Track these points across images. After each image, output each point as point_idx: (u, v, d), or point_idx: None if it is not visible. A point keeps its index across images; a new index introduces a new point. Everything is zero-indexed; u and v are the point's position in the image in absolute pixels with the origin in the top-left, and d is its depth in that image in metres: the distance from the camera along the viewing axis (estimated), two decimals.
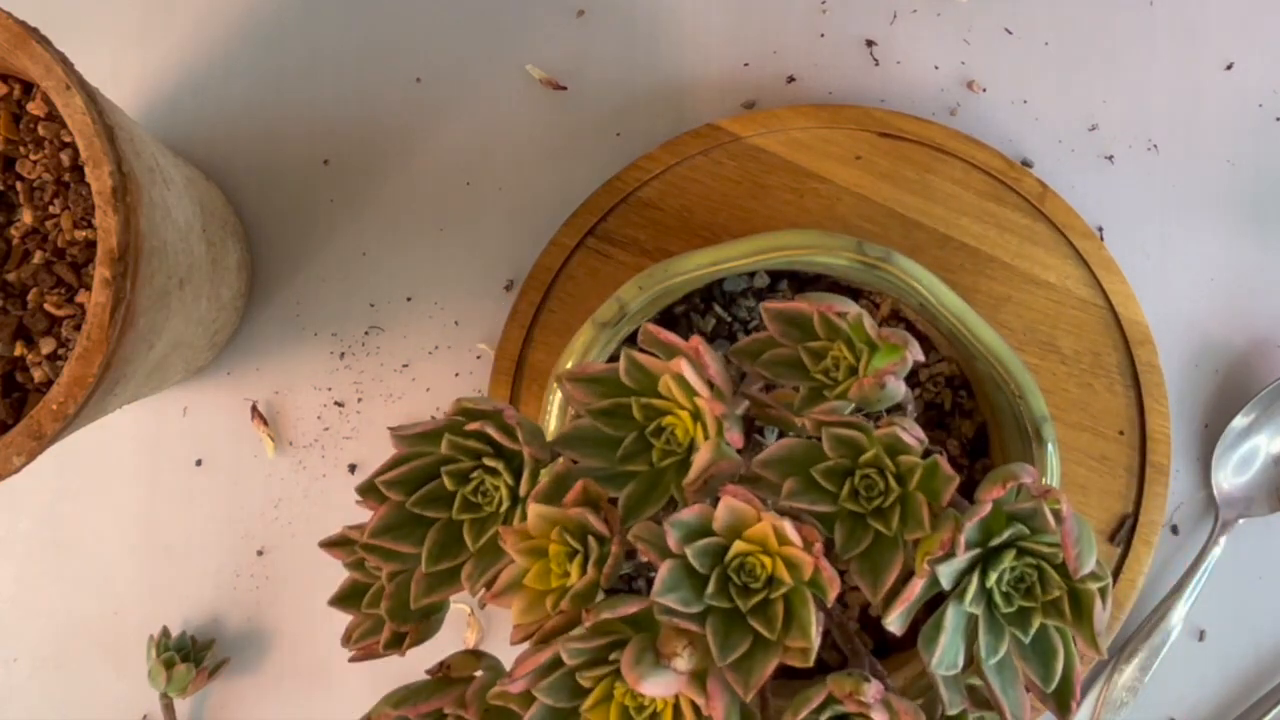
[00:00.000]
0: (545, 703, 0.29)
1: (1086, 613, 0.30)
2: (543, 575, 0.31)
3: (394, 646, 0.34)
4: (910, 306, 0.45)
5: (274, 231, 0.54)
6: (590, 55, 0.55)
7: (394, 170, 0.55)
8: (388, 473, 0.33)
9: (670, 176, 0.52)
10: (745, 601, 0.30)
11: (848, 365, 0.34)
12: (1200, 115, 0.55)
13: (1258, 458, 0.53)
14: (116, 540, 0.53)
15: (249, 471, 0.54)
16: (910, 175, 0.52)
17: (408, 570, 0.34)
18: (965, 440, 0.49)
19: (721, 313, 0.49)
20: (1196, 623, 0.53)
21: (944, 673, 0.31)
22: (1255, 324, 0.54)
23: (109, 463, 0.54)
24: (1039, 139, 0.54)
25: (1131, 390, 0.51)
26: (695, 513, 0.30)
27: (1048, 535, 0.31)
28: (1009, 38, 0.55)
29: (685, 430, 0.33)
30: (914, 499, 0.32)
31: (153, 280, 0.40)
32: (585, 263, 0.52)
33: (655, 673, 0.28)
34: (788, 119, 0.52)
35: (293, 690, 0.53)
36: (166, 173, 0.44)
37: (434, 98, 0.55)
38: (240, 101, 0.55)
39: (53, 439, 0.38)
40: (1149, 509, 0.51)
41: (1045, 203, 0.52)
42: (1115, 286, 0.51)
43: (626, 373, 0.33)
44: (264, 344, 0.54)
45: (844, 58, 0.55)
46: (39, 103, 0.44)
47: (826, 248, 0.43)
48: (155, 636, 0.52)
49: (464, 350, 0.54)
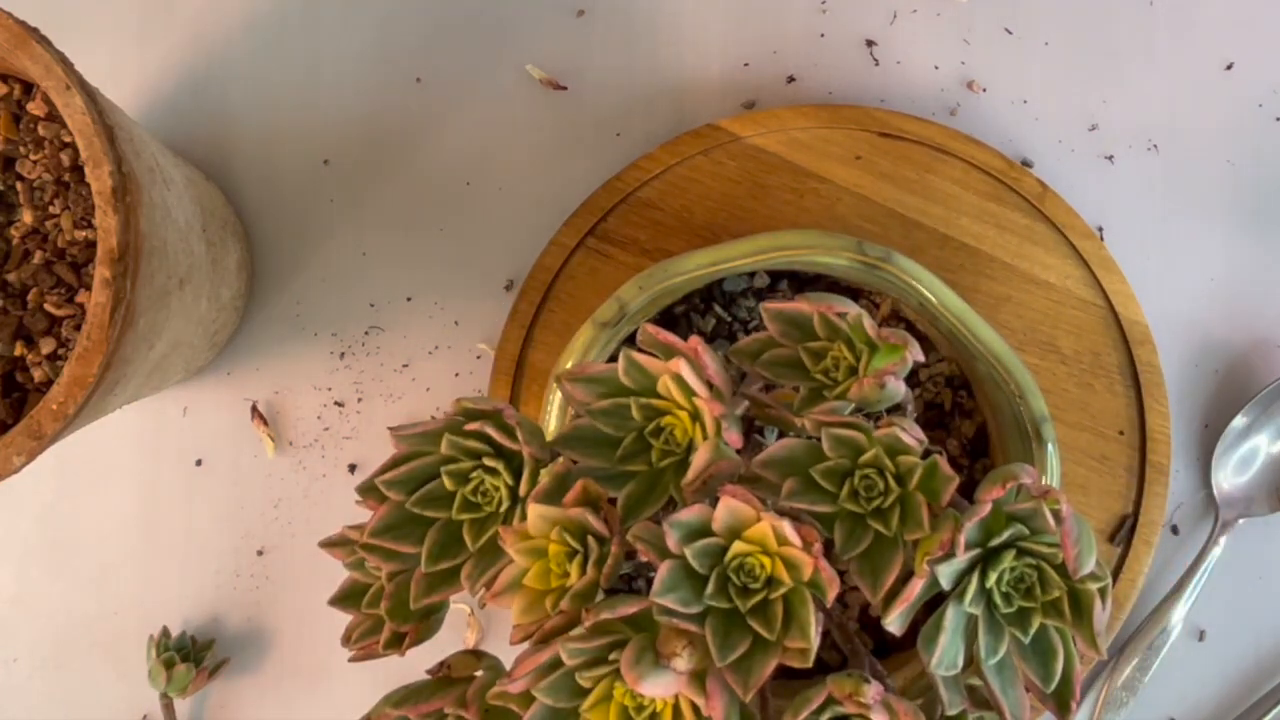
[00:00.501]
0: (545, 703, 0.29)
1: (1086, 613, 0.30)
2: (542, 575, 0.31)
3: (394, 646, 0.35)
4: (910, 306, 0.45)
5: (274, 231, 0.54)
6: (590, 55, 0.55)
7: (394, 170, 0.55)
8: (388, 472, 0.33)
9: (670, 176, 0.52)
10: (744, 602, 0.30)
11: (848, 365, 0.34)
12: (1200, 115, 0.55)
13: (1258, 458, 0.53)
14: (116, 540, 0.53)
15: (249, 471, 0.54)
16: (910, 175, 0.52)
17: (408, 570, 0.34)
18: (965, 440, 0.49)
19: (721, 313, 0.49)
20: (1196, 623, 0.53)
21: (944, 673, 0.31)
22: (1255, 324, 0.54)
23: (109, 462, 0.54)
24: (1039, 139, 0.54)
25: (1131, 390, 0.51)
26: (694, 513, 0.30)
27: (1047, 535, 0.31)
28: (1009, 38, 0.55)
29: (684, 430, 0.33)
30: (914, 499, 0.32)
31: (153, 280, 0.40)
32: (585, 263, 0.52)
33: (655, 673, 0.28)
34: (788, 119, 0.52)
35: (293, 690, 0.53)
36: (166, 173, 0.44)
37: (434, 98, 0.55)
38: (240, 101, 0.55)
39: (53, 439, 0.39)
40: (1149, 509, 0.51)
41: (1045, 203, 0.52)
42: (1115, 286, 0.51)
43: (625, 373, 0.33)
44: (264, 344, 0.54)
45: (844, 58, 0.55)
46: (39, 103, 0.44)
47: (826, 248, 0.43)
48: (155, 636, 0.52)
49: (464, 350, 0.54)
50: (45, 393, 0.39)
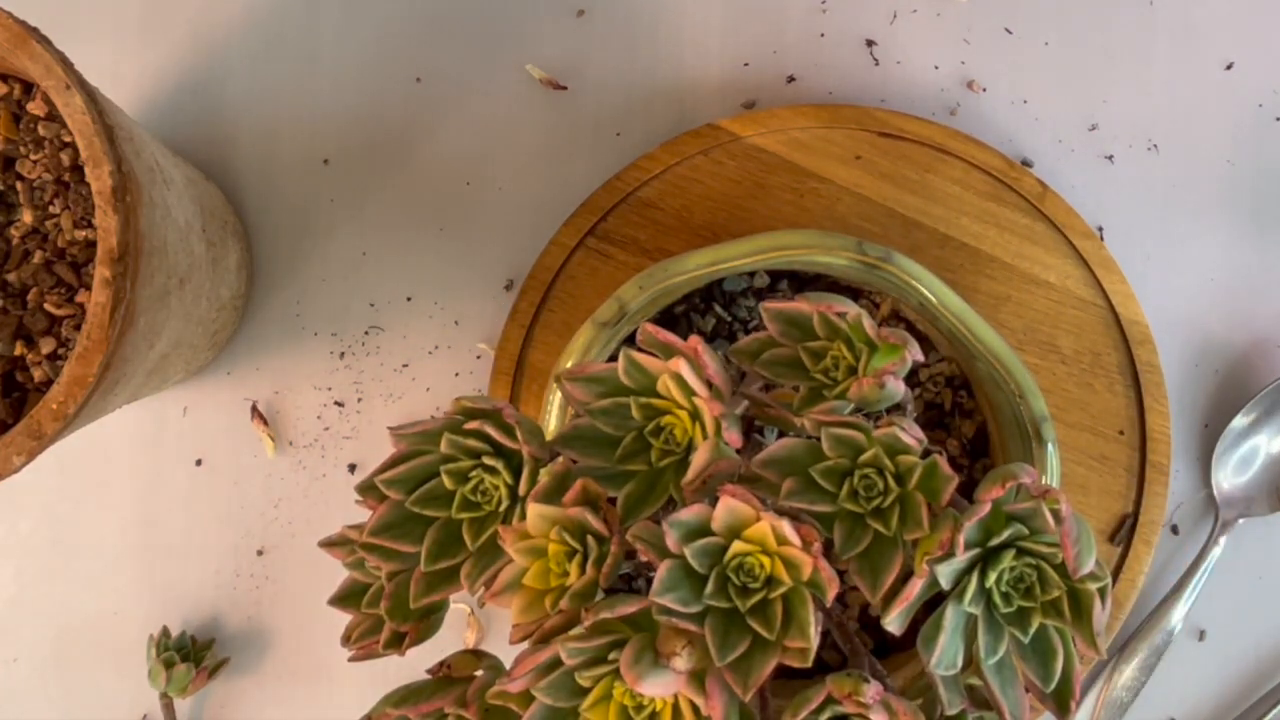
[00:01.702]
0: (545, 702, 0.29)
1: (1086, 613, 0.30)
2: (542, 575, 0.31)
3: (394, 646, 0.34)
4: (910, 306, 0.45)
5: (274, 231, 0.54)
6: (590, 55, 0.55)
7: (394, 170, 0.55)
8: (387, 471, 0.33)
9: (670, 176, 0.52)
10: (744, 601, 0.30)
11: (847, 365, 0.34)
12: (1200, 115, 0.55)
13: (1258, 458, 0.53)
14: (116, 540, 0.53)
15: (249, 471, 0.54)
16: (910, 175, 0.52)
17: (407, 569, 0.34)
18: (965, 440, 0.49)
19: (721, 313, 0.49)
20: (1196, 623, 0.53)
21: (943, 673, 0.31)
22: (1255, 324, 0.54)
23: (109, 462, 0.54)
24: (1039, 139, 0.54)
25: (1131, 390, 0.51)
26: (694, 512, 0.30)
27: (1047, 535, 0.31)
28: (1009, 38, 0.55)
29: (684, 430, 0.33)
30: (913, 499, 0.32)
31: (153, 280, 0.40)
32: (585, 263, 0.52)
33: (654, 672, 0.28)
34: (788, 119, 0.52)
35: (293, 690, 0.53)
36: (166, 173, 0.44)
37: (434, 98, 0.55)
38: (240, 101, 0.55)
39: (53, 439, 0.39)
40: (1149, 509, 0.51)
41: (1045, 203, 0.52)
42: (1115, 286, 0.51)
43: (625, 372, 0.33)
44: (264, 344, 0.54)
45: (844, 58, 0.55)
46: (39, 102, 0.44)
47: (826, 248, 0.43)
48: (155, 636, 0.52)
49: (464, 350, 0.54)
50: (45, 392, 0.39)
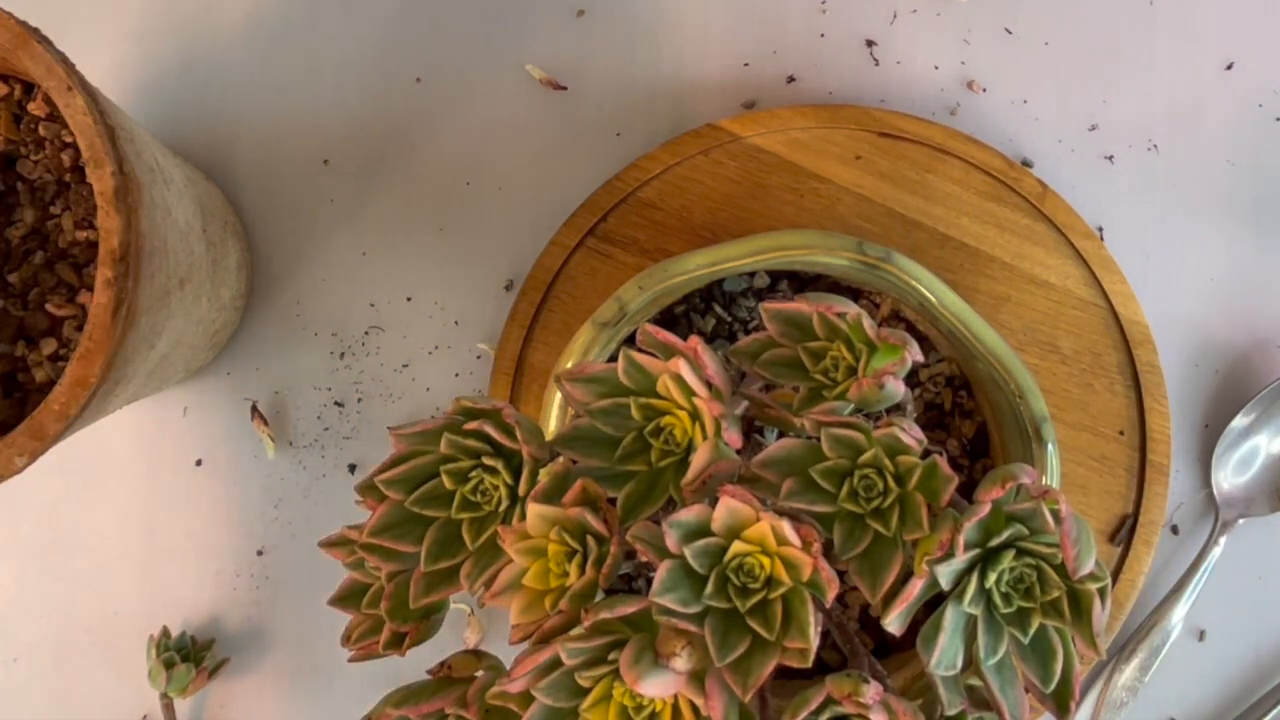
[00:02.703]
0: (544, 702, 0.30)
1: (1086, 613, 0.30)
2: (541, 575, 0.31)
3: (394, 646, 0.35)
4: (910, 306, 0.46)
5: (274, 231, 0.54)
6: (590, 55, 0.55)
7: (394, 170, 0.55)
8: (387, 471, 0.33)
9: (670, 176, 0.52)
10: (744, 602, 0.30)
11: (847, 365, 0.34)
12: (1200, 115, 0.55)
13: (1258, 458, 0.53)
14: (116, 540, 0.53)
15: (249, 471, 0.54)
16: (910, 175, 0.52)
17: (407, 570, 0.34)
18: (965, 440, 0.49)
19: (721, 313, 0.49)
20: (1196, 623, 0.53)
21: (943, 673, 0.31)
22: (1255, 324, 0.54)
23: (109, 462, 0.54)
24: (1039, 139, 0.54)
25: (1131, 390, 0.51)
26: (694, 513, 0.30)
27: (1047, 535, 0.31)
28: (1009, 38, 0.55)
29: (684, 430, 0.33)
30: (913, 499, 0.32)
31: (153, 280, 0.40)
32: (585, 263, 0.52)
33: (654, 673, 0.28)
34: (788, 119, 0.52)
35: (293, 690, 0.53)
36: (167, 173, 0.44)
37: (434, 98, 0.55)
38: (240, 101, 0.55)
39: (55, 439, 0.39)
40: (1149, 509, 0.51)
41: (1045, 203, 0.52)
42: (1115, 286, 0.51)
43: (625, 373, 0.33)
44: (264, 344, 0.54)
45: (844, 58, 0.55)
46: (40, 103, 0.44)
47: (826, 248, 0.43)
48: (155, 636, 0.52)
49: (464, 350, 0.54)
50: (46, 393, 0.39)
